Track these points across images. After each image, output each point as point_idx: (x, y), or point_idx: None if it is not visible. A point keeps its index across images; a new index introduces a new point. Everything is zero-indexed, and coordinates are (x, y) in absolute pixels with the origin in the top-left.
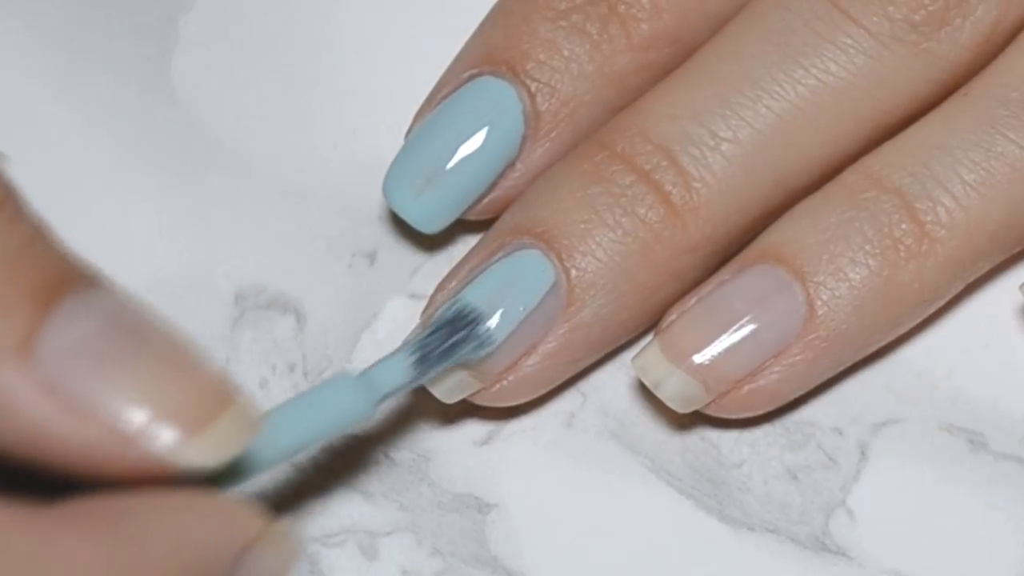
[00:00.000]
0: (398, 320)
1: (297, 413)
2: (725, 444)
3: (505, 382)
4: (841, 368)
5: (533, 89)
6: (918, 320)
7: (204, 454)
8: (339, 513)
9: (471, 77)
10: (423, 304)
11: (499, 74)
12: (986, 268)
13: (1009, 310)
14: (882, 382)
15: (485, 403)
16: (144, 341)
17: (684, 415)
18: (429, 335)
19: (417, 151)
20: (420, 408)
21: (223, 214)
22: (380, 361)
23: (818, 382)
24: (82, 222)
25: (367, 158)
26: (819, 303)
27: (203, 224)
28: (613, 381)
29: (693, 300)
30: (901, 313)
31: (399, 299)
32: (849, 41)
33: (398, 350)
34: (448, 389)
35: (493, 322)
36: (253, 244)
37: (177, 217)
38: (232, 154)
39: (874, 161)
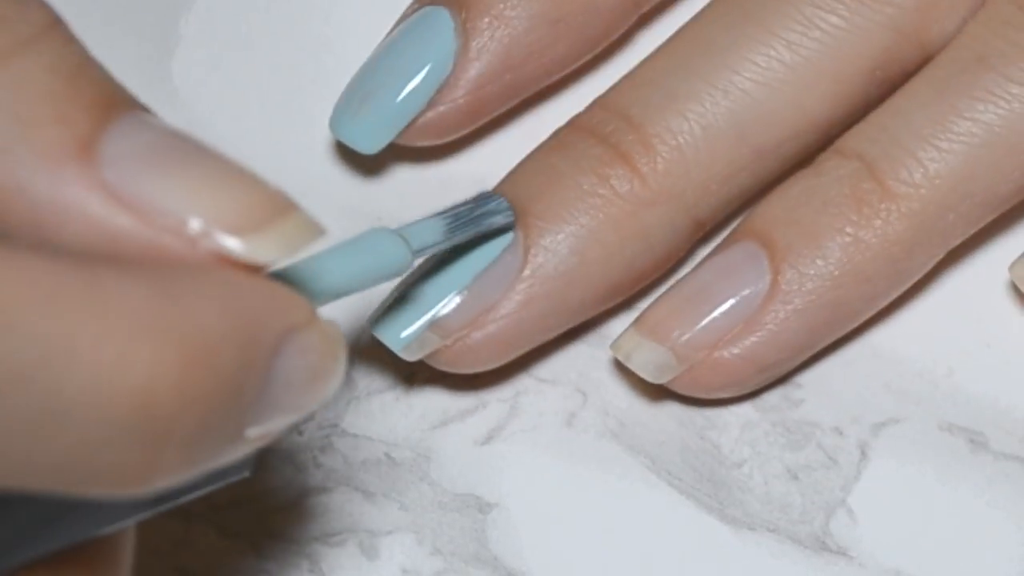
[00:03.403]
0: None
1: (336, 260)
2: (726, 444)
3: (468, 339)
4: (821, 335)
5: (463, 2)
6: (894, 285)
7: (272, 251)
8: (339, 512)
9: (414, 11)
10: None
11: (436, 0)
12: (959, 227)
13: (1009, 309)
14: (882, 382)
15: (449, 367)
16: (205, 151)
17: (685, 413)
18: (459, 207)
19: (356, 79)
20: (421, 408)
21: None
22: (414, 222)
23: (799, 349)
24: None
25: (367, 158)
26: (785, 266)
27: None
28: (613, 381)
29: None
30: (872, 272)
31: None
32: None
33: (431, 215)
34: (409, 346)
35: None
36: None
37: None
38: (232, 154)
39: (840, 138)
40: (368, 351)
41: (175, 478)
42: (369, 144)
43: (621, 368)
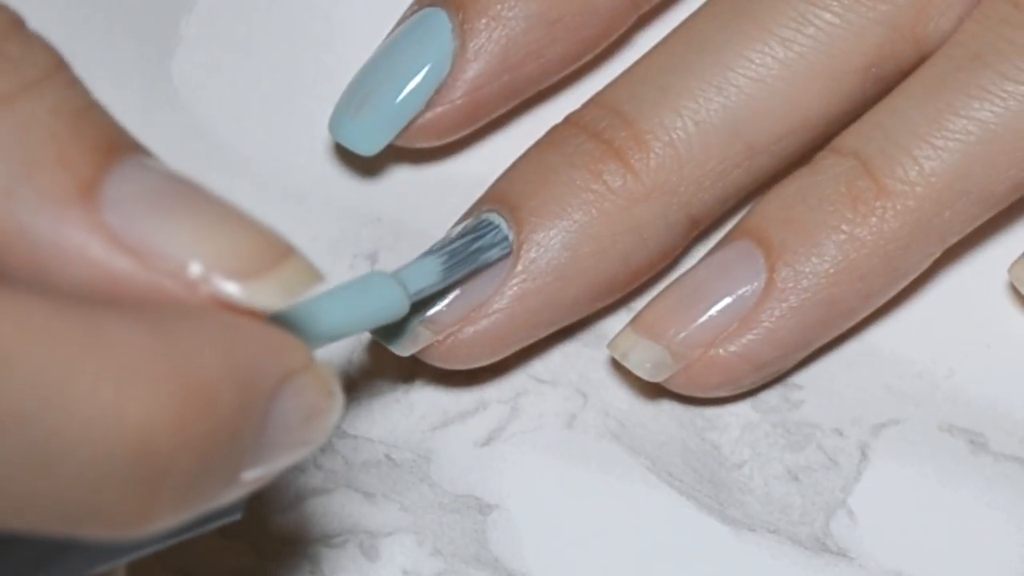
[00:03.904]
0: None
1: (332, 304)
2: (726, 445)
3: (461, 335)
4: (817, 333)
5: (461, 3)
6: (890, 283)
7: (271, 296)
8: (340, 514)
9: (412, 13)
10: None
11: (434, 2)
12: (956, 225)
13: (1009, 310)
14: (882, 383)
15: (442, 363)
16: (205, 196)
17: (685, 414)
18: (455, 242)
19: (355, 81)
20: (421, 409)
21: None
22: (412, 263)
23: (795, 347)
24: None
25: (366, 159)
26: (780, 264)
27: None
28: (614, 382)
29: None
30: (867, 269)
31: None
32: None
33: (428, 253)
34: (402, 342)
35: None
36: None
37: None
38: (233, 155)
39: (836, 137)
40: (368, 352)
41: (171, 520)
42: (368, 146)
43: (621, 369)
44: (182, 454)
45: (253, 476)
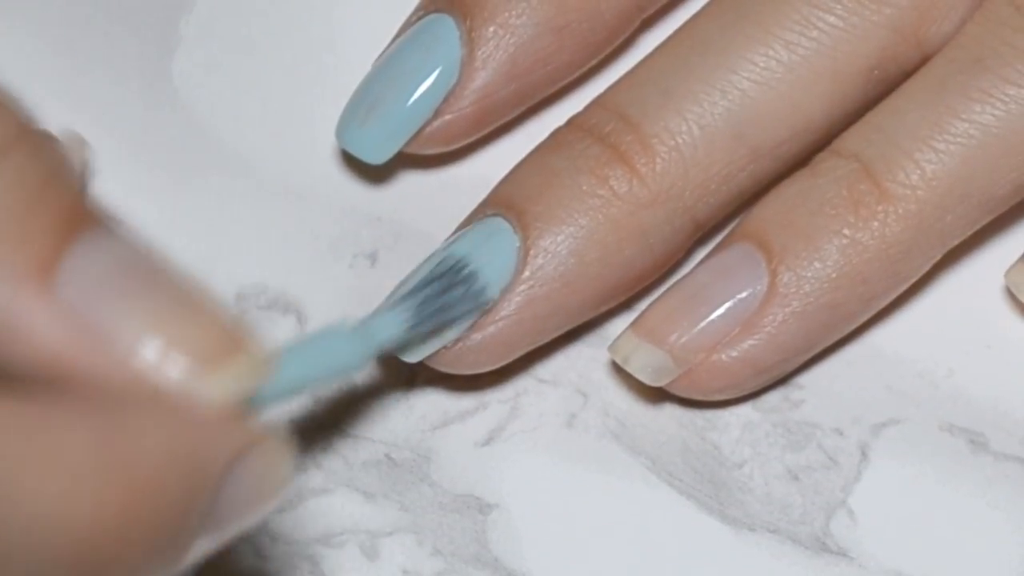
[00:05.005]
0: None
1: (291, 360)
2: (726, 445)
3: (469, 341)
4: (819, 337)
5: (468, 10)
6: (892, 287)
7: (217, 391)
8: (340, 513)
9: (417, 19)
10: None
11: (440, 8)
12: (957, 228)
13: (1009, 311)
14: (883, 382)
15: (450, 368)
16: (163, 278)
17: (685, 414)
18: (425, 291)
19: (361, 89)
20: (421, 409)
21: (224, 214)
22: (378, 314)
23: (797, 352)
24: None
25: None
26: (782, 268)
27: (204, 224)
28: (614, 382)
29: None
30: (869, 274)
31: None
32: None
33: (396, 303)
34: (410, 350)
35: (486, 281)
36: (254, 244)
37: (178, 217)
38: (233, 154)
39: (837, 138)
40: None
41: None
42: (376, 154)
43: (621, 369)
44: (128, 551)
45: (203, 548)
